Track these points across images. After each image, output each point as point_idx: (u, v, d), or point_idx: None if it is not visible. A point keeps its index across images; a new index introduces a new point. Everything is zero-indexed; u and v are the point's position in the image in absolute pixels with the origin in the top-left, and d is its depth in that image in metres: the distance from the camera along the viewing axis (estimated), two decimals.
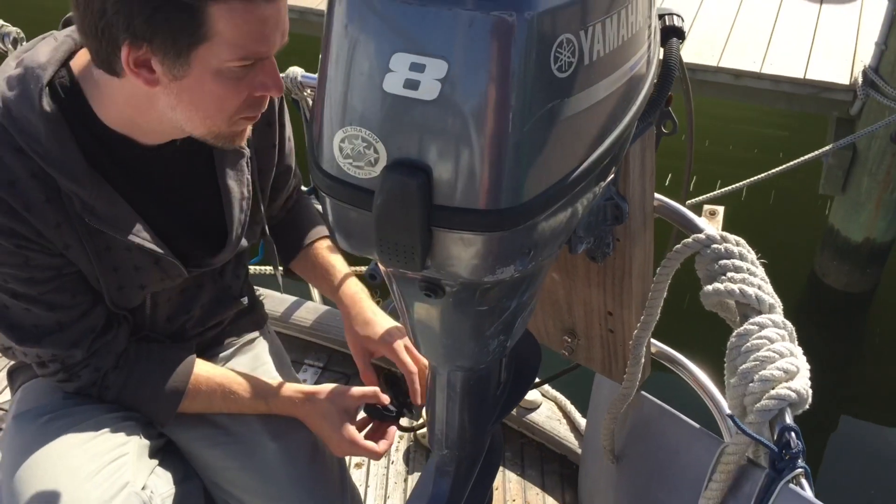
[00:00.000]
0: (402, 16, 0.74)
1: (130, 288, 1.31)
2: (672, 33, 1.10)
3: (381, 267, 0.95)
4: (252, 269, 1.87)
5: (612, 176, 1.16)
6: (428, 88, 0.75)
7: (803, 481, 0.99)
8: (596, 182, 0.91)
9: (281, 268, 1.61)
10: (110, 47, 1.08)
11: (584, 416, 1.85)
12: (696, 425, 1.32)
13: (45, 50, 1.19)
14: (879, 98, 3.60)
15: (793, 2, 4.50)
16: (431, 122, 0.76)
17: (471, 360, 1.07)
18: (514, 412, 1.96)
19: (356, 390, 1.45)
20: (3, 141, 1.14)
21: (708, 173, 3.58)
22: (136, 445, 1.33)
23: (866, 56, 3.78)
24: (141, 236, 1.25)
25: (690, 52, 4.06)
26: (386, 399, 1.46)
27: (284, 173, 1.52)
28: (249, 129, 1.25)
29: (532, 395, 1.95)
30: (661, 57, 1.08)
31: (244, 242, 1.41)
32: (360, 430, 1.45)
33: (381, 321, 1.53)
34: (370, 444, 1.43)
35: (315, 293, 2.26)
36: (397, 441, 1.96)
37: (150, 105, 1.16)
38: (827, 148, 3.63)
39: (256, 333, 1.63)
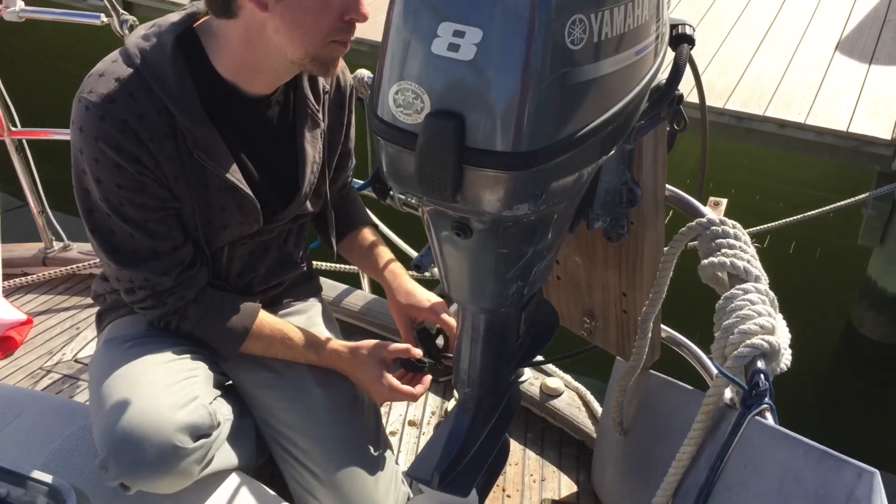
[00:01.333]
0: None
1: (216, 226, 1.53)
2: (683, 39, 1.28)
3: (421, 207, 1.15)
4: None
5: (626, 158, 1.36)
6: (466, 51, 0.95)
7: (768, 415, 1.15)
8: (600, 148, 1.09)
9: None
10: None
11: (602, 406, 2.01)
12: (697, 390, 1.48)
13: (176, 15, 1.46)
14: None
15: (842, 60, 4.66)
16: (467, 78, 0.96)
17: (492, 302, 1.26)
18: (537, 398, 2.12)
19: (392, 345, 1.65)
20: (138, 81, 1.38)
21: (756, 216, 3.73)
22: (204, 373, 1.55)
23: None
24: (235, 176, 1.48)
25: (738, 102, 4.24)
26: (418, 353, 1.66)
27: (345, 156, 1.75)
28: (341, 62, 1.48)
29: (555, 383, 2.12)
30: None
31: (309, 207, 1.64)
32: (400, 376, 1.66)
33: (420, 292, 1.74)
34: (407, 387, 1.63)
35: (365, 282, 2.47)
36: (429, 415, 2.14)
37: (260, 37, 1.39)
38: (863, 196, 3.76)
39: (312, 300, 1.84)
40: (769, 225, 3.67)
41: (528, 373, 2.18)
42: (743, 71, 4.54)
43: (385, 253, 1.83)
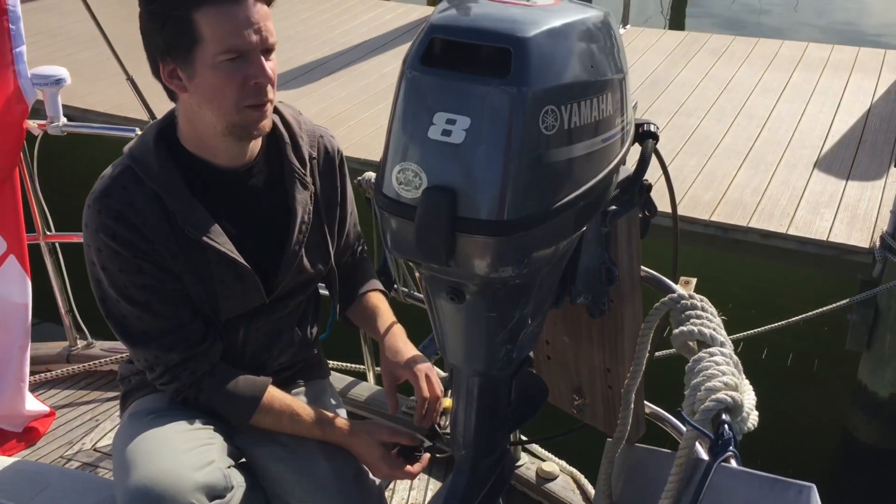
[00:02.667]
0: (442, 88, 1.14)
1: (220, 298, 1.68)
2: (648, 136, 1.47)
3: (418, 274, 1.31)
4: None
5: (603, 240, 1.53)
6: (458, 135, 1.14)
7: (733, 461, 1.27)
8: (574, 221, 1.26)
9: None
10: (158, 74, 1.56)
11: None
12: (675, 452, 1.59)
13: (168, 112, 1.67)
14: (895, 259, 3.92)
15: (821, 176, 4.92)
16: (458, 158, 1.14)
17: (484, 364, 1.40)
18: (533, 481, 2.23)
19: (393, 428, 1.77)
20: (129, 175, 1.60)
21: (742, 323, 3.90)
22: (220, 443, 1.67)
23: (885, 225, 4.13)
24: (225, 246, 1.63)
25: (723, 214, 4.46)
26: (417, 440, 1.77)
27: (347, 222, 1.89)
28: (268, 120, 1.62)
29: (550, 467, 2.23)
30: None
31: (308, 266, 1.76)
32: (397, 457, 1.77)
33: (408, 351, 1.83)
34: (405, 469, 1.74)
35: (370, 375, 2.61)
36: (429, 498, 2.24)
37: (195, 115, 1.60)
38: (845, 301, 3.92)
39: (321, 382, 1.97)
40: (757, 330, 3.82)
41: (524, 457, 2.28)
42: (728, 186, 4.79)
43: (388, 315, 1.93)
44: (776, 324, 3.82)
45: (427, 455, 1.78)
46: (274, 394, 1.73)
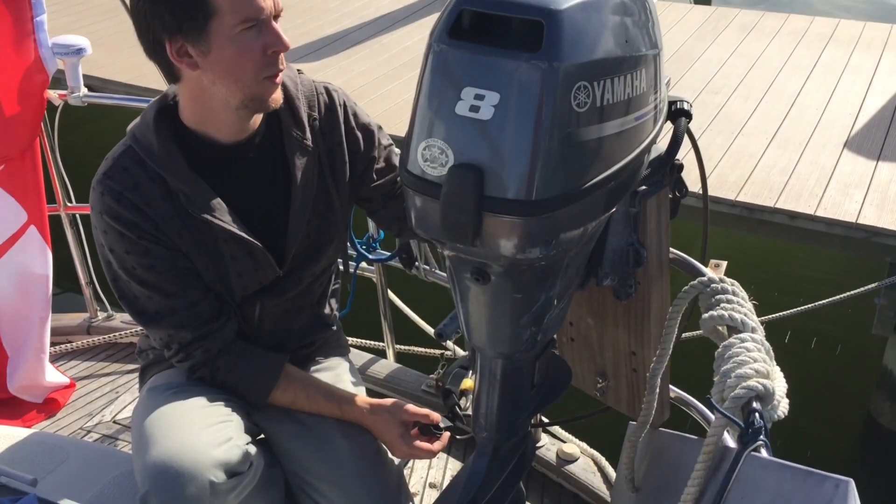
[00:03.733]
0: (470, 62, 1.11)
1: (232, 275, 1.65)
2: (681, 113, 1.43)
3: (444, 252, 1.28)
4: None
5: (631, 221, 1.49)
6: (485, 112, 1.10)
7: (763, 451, 1.24)
8: (604, 202, 1.22)
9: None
10: (162, 54, 1.50)
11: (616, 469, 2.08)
12: (701, 438, 1.56)
13: (167, 91, 1.64)
14: None
15: (850, 156, 4.83)
16: (486, 135, 1.10)
17: (508, 347, 1.37)
18: (554, 463, 2.20)
19: (411, 408, 1.75)
20: (130, 155, 1.57)
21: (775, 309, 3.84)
22: (238, 420, 1.65)
23: None
24: (232, 223, 1.60)
25: (750, 194, 4.39)
26: (436, 417, 1.75)
27: (373, 161, 1.79)
28: (279, 93, 1.58)
29: (571, 448, 2.20)
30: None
31: (316, 236, 1.71)
32: (416, 436, 1.75)
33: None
34: (424, 445, 1.72)
35: (389, 352, 2.59)
36: (449, 477, 2.22)
37: (204, 93, 1.55)
38: (874, 285, 3.85)
39: (340, 359, 1.95)
40: (783, 313, 3.76)
41: (544, 438, 2.26)
42: (755, 165, 4.71)
43: None
44: (802, 307, 3.76)
45: (447, 434, 1.76)
46: (291, 372, 1.71)
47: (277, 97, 1.59)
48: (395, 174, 1.82)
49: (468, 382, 1.88)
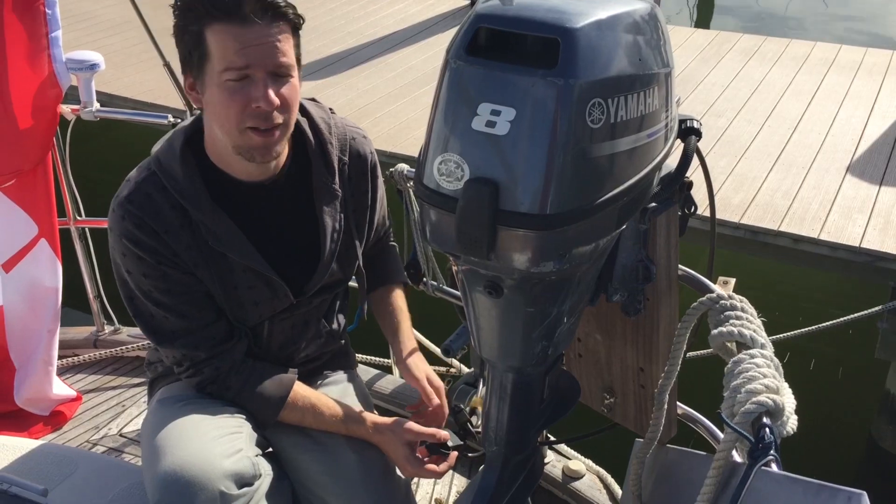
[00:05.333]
0: (487, 78, 1.13)
1: (247, 304, 1.67)
2: (691, 132, 1.44)
3: (457, 266, 1.30)
4: None
5: (641, 237, 1.50)
6: (502, 127, 1.12)
7: (773, 466, 1.25)
8: (616, 218, 1.24)
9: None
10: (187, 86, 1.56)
11: (622, 487, 2.08)
12: (710, 455, 1.56)
13: (191, 119, 1.66)
14: None
15: (853, 180, 4.85)
16: (502, 150, 1.12)
17: (519, 360, 1.38)
18: (560, 480, 2.20)
19: (416, 428, 1.74)
20: (153, 182, 1.58)
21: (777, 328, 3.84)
22: (248, 432, 1.66)
23: None
24: (252, 258, 1.62)
25: (753, 217, 4.41)
26: (443, 435, 1.75)
27: (376, 218, 1.87)
28: (285, 152, 1.64)
29: (576, 465, 2.20)
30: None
31: (338, 273, 1.76)
32: (423, 454, 1.75)
33: (416, 360, 1.87)
34: (431, 466, 1.72)
35: (395, 368, 2.59)
36: (455, 494, 2.22)
37: (210, 128, 1.59)
38: (877, 308, 3.86)
39: (348, 374, 1.96)
40: (786, 335, 3.77)
41: (550, 455, 2.26)
42: (758, 188, 4.73)
43: (403, 318, 1.94)
44: (805, 329, 3.77)
45: (454, 454, 1.76)
46: (299, 391, 1.72)
47: (274, 150, 1.57)
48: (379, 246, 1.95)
49: (477, 400, 1.89)
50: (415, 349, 1.89)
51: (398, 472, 1.80)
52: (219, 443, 1.55)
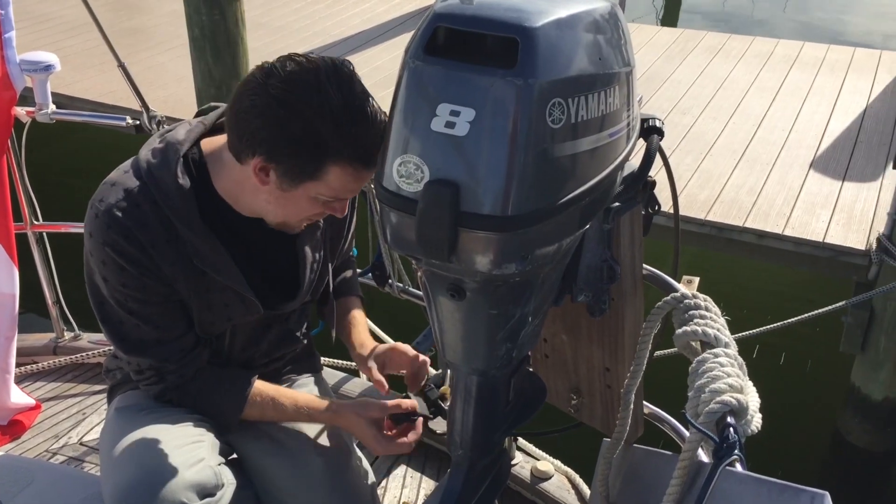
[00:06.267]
0: (445, 78, 1.11)
1: (220, 320, 1.65)
2: (653, 131, 1.44)
3: (419, 268, 1.28)
4: None
5: (605, 237, 1.49)
6: (461, 128, 1.10)
7: (738, 465, 1.25)
8: (579, 218, 1.23)
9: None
10: (247, 150, 1.46)
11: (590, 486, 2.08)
12: (676, 454, 1.56)
13: (182, 131, 1.60)
14: (892, 262, 3.91)
15: (817, 176, 4.91)
16: (462, 151, 1.10)
17: (484, 363, 1.37)
18: (528, 481, 2.20)
19: (380, 403, 1.70)
20: (144, 194, 1.52)
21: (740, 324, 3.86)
22: (210, 441, 1.63)
23: (881, 226, 4.12)
24: (234, 279, 1.60)
25: (719, 213, 4.44)
26: (408, 403, 1.72)
27: (348, 239, 1.90)
28: None
29: (544, 466, 2.20)
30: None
31: (311, 295, 1.77)
32: (389, 427, 1.72)
33: (372, 342, 1.87)
34: (401, 440, 1.69)
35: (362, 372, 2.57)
36: (423, 496, 2.21)
37: (252, 192, 1.53)
38: (841, 304, 3.91)
39: (313, 376, 1.94)
40: (752, 332, 3.80)
41: (518, 456, 2.25)
42: (723, 185, 4.78)
43: (360, 320, 1.94)
44: (771, 325, 3.81)
45: (420, 421, 1.73)
46: (259, 387, 1.70)
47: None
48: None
49: (445, 388, 1.87)
50: (372, 345, 1.88)
51: (364, 472, 1.78)
52: (179, 453, 1.52)
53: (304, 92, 1.38)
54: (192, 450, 1.55)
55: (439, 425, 1.79)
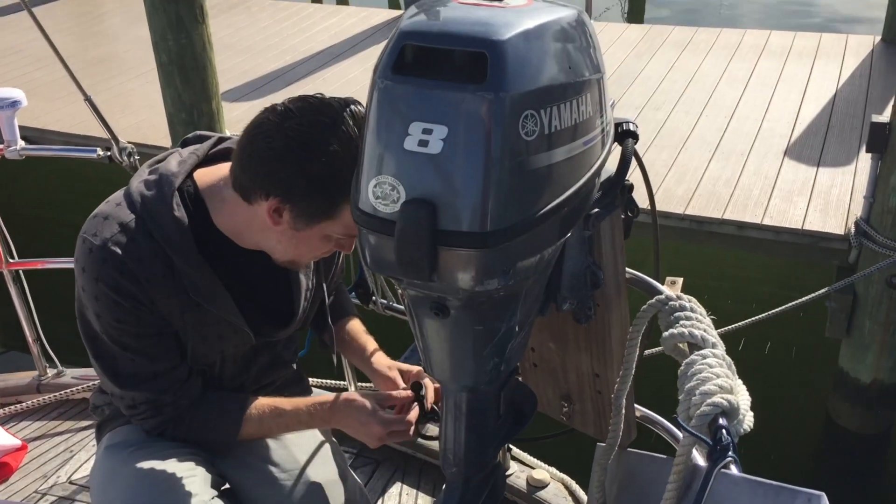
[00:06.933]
0: (416, 96, 1.10)
1: (213, 352, 1.64)
2: (627, 135, 1.43)
3: (402, 291, 1.27)
4: None
5: (586, 244, 1.49)
6: (435, 146, 1.09)
7: (733, 467, 1.24)
8: (559, 228, 1.22)
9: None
10: (260, 192, 1.45)
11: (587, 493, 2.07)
12: (671, 458, 1.55)
13: (174, 162, 1.57)
14: (871, 245, 3.93)
15: (792, 164, 4.94)
16: (437, 169, 1.09)
17: (472, 379, 1.36)
18: (524, 490, 2.19)
19: (376, 394, 1.72)
20: (139, 227, 1.50)
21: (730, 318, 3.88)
22: (202, 474, 1.61)
23: (858, 210, 4.15)
24: (229, 311, 1.59)
25: (697, 207, 4.46)
26: (404, 395, 1.74)
27: (339, 264, 1.90)
28: None
29: (540, 475, 2.19)
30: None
31: (304, 323, 1.78)
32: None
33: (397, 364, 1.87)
34: (399, 416, 1.69)
35: (352, 389, 2.55)
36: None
37: (261, 231, 1.52)
38: (824, 290, 3.92)
39: None
40: (738, 324, 3.81)
41: (514, 466, 2.24)
42: (700, 178, 4.79)
43: (370, 340, 1.94)
44: (757, 317, 3.82)
45: (416, 410, 1.73)
46: (251, 400, 1.69)
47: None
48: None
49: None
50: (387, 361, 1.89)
51: (361, 496, 1.77)
52: (172, 489, 1.50)
53: (323, 132, 1.39)
54: (183, 486, 1.53)
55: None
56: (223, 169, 1.55)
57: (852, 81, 6.10)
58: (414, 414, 1.72)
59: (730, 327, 3.78)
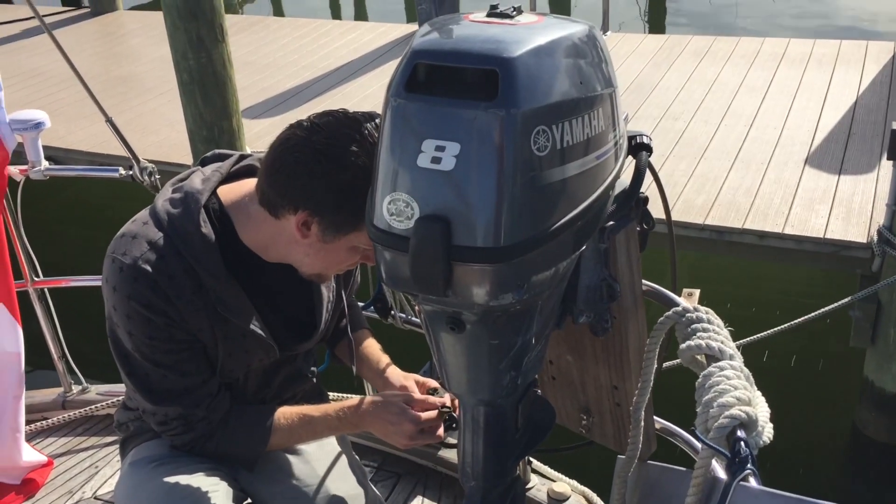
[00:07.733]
0: (428, 114, 1.11)
1: (239, 366, 1.67)
2: (641, 148, 1.44)
3: (418, 307, 1.28)
4: None
5: (602, 256, 1.49)
6: (447, 162, 1.10)
7: (752, 479, 1.24)
8: (573, 242, 1.23)
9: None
10: (288, 206, 1.48)
11: None
12: (690, 470, 1.55)
13: (198, 180, 1.60)
14: (894, 253, 3.90)
15: (812, 172, 4.91)
16: (450, 185, 1.10)
17: (489, 393, 1.36)
18: (545, 503, 2.18)
19: (404, 395, 1.72)
20: (167, 244, 1.52)
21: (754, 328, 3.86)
22: (225, 489, 1.63)
23: (881, 218, 4.11)
24: (255, 325, 1.62)
25: (717, 217, 4.44)
26: (437, 401, 1.74)
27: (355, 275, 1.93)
28: None
29: (561, 487, 2.18)
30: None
31: (326, 335, 1.81)
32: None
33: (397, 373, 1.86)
34: (427, 414, 1.69)
35: None
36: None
37: (287, 245, 1.55)
38: (847, 299, 3.89)
39: None
40: (761, 334, 3.79)
41: (534, 479, 2.24)
42: (720, 188, 4.77)
43: (383, 354, 1.93)
44: (778, 327, 3.79)
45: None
46: (278, 409, 1.71)
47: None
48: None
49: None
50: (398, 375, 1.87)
51: None
52: None
53: (350, 145, 1.42)
54: (209, 500, 1.55)
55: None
56: (247, 185, 1.58)
57: (873, 88, 6.05)
58: (441, 425, 1.72)
59: (753, 337, 3.75)
